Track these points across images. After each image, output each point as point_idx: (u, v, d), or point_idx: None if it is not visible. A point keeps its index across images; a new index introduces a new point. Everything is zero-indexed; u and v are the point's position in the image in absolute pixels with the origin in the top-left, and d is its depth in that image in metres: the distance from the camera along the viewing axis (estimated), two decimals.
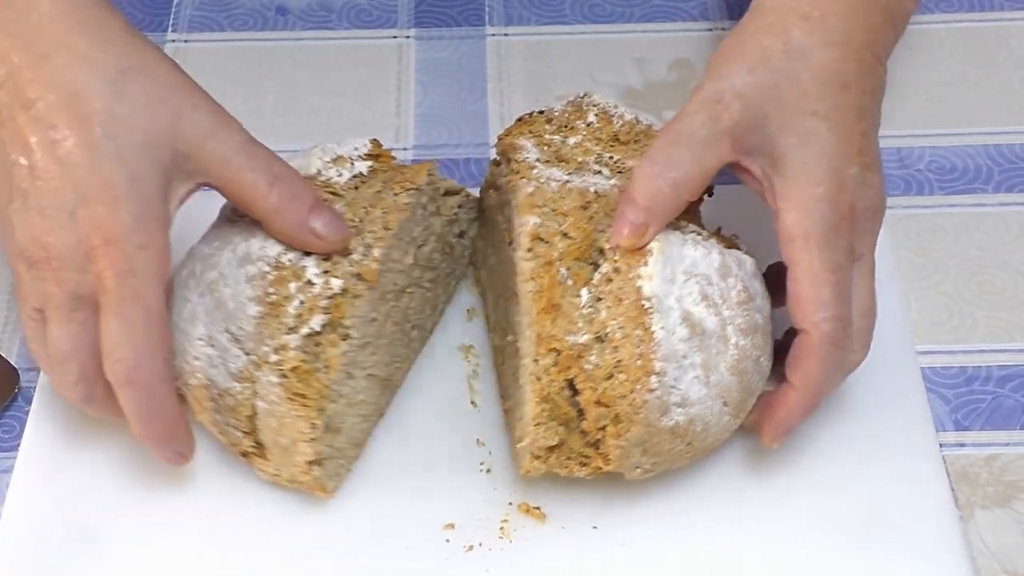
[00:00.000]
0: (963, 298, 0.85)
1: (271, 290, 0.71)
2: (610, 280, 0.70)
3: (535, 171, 0.74)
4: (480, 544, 0.74)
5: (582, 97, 0.79)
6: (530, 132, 0.77)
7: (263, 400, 0.71)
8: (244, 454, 0.74)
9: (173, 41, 1.02)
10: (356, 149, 0.78)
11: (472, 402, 0.80)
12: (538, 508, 0.75)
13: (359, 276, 0.72)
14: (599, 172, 0.75)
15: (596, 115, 0.78)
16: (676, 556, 0.73)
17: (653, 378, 0.69)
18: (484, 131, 0.96)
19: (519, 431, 0.72)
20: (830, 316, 0.70)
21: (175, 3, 1.05)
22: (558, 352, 0.69)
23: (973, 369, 0.82)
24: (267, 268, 0.72)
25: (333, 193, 0.75)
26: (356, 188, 0.76)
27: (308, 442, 0.71)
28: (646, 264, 0.70)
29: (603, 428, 0.69)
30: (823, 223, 0.70)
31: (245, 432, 0.73)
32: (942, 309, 0.85)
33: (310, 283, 0.71)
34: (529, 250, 0.71)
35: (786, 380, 0.72)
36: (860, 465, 0.76)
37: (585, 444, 0.70)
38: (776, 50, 0.71)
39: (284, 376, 0.70)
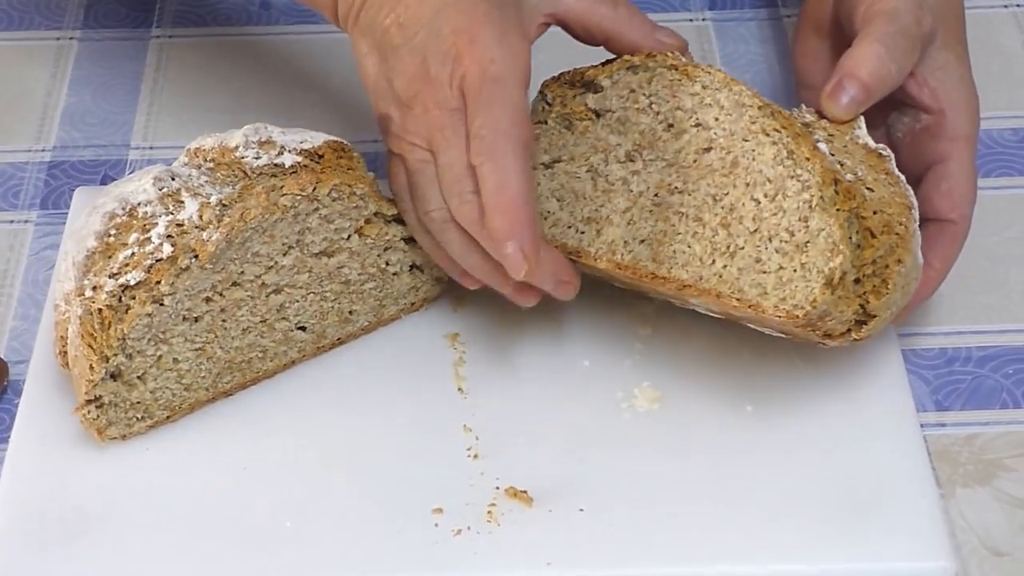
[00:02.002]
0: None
1: (113, 232, 0.76)
2: (831, 140, 0.76)
3: (699, 66, 0.76)
4: (468, 528, 0.74)
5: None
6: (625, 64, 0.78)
7: (72, 326, 0.75)
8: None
9: (158, 37, 1.03)
10: (303, 142, 0.80)
11: (459, 388, 0.80)
12: (525, 492, 0.75)
13: (195, 251, 0.74)
14: None
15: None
16: (661, 536, 0.74)
17: (913, 211, 0.75)
18: None
19: (776, 274, 0.72)
20: (970, 212, 0.80)
21: None
22: (837, 182, 0.71)
23: (953, 350, 0.83)
24: (121, 211, 0.76)
25: (242, 171, 0.78)
26: (270, 175, 0.78)
27: (88, 382, 0.74)
28: (860, 127, 0.77)
29: (875, 262, 0.72)
30: (976, 130, 0.80)
31: (61, 351, 0.77)
32: None
33: (149, 240, 0.75)
34: (760, 108, 0.73)
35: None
36: (842, 445, 0.77)
37: (856, 279, 0.72)
38: None
39: (89, 313, 0.74)
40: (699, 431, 0.78)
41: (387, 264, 0.82)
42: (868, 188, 0.74)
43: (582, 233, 0.77)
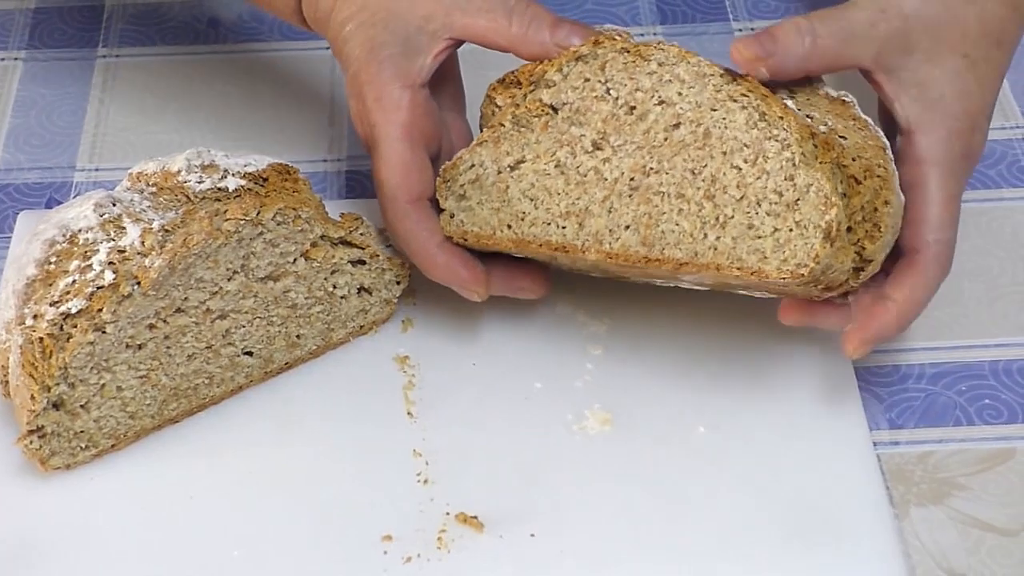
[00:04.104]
0: None
1: (53, 259, 0.75)
2: (794, 96, 0.75)
3: (650, 45, 0.75)
4: (418, 555, 0.74)
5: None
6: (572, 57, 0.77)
7: (12, 356, 0.74)
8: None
9: (104, 57, 1.02)
10: (247, 165, 0.79)
11: (408, 413, 0.80)
12: (475, 517, 0.75)
13: (137, 278, 0.73)
14: None
15: (619, 35, 0.79)
16: (613, 561, 0.73)
17: (888, 152, 0.74)
18: None
19: (774, 234, 0.71)
20: (943, 239, 0.75)
21: (105, 18, 1.05)
22: (814, 135, 0.71)
23: (906, 367, 0.83)
24: (61, 238, 0.75)
25: (184, 196, 0.77)
26: (214, 200, 0.77)
27: (29, 412, 0.73)
28: (821, 81, 0.78)
29: (863, 207, 0.71)
30: (952, 154, 0.76)
31: (3, 381, 0.76)
32: None
33: (90, 267, 0.73)
34: (722, 76, 0.73)
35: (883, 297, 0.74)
36: (794, 465, 0.77)
37: (848, 228, 0.71)
38: None
39: (30, 342, 0.73)
40: (651, 453, 0.77)
41: (334, 287, 0.81)
42: (841, 136, 0.73)
43: (563, 228, 0.76)
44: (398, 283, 0.83)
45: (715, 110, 0.73)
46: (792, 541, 0.74)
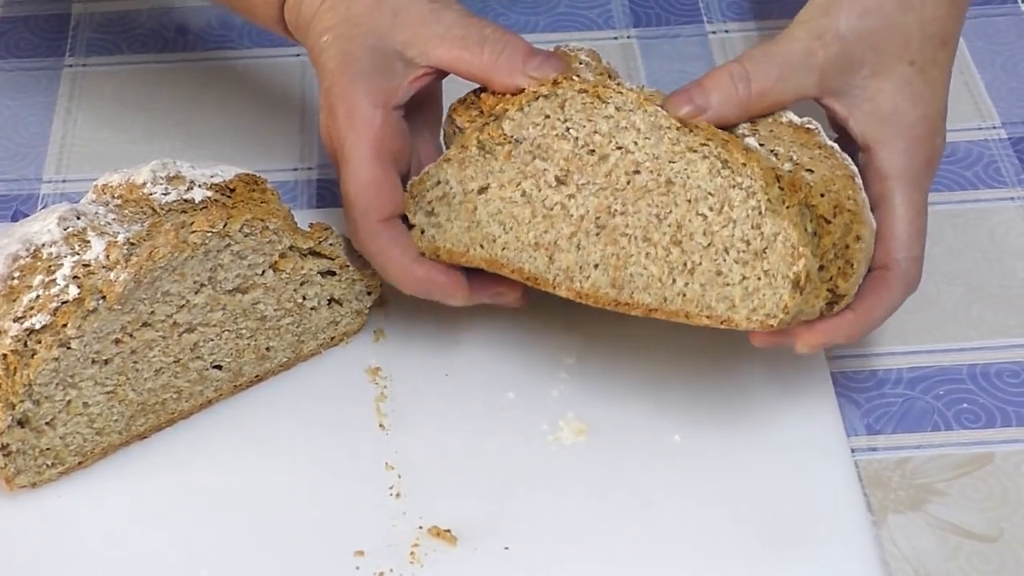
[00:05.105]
0: None
1: (17, 274, 0.74)
2: (756, 130, 0.74)
3: (609, 87, 0.74)
4: (391, 570, 0.73)
5: (559, 47, 0.80)
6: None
7: None
8: None
9: (71, 66, 1.01)
10: (214, 176, 0.78)
11: (380, 425, 0.79)
12: (448, 531, 0.74)
13: (102, 292, 0.72)
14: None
15: (587, 55, 0.79)
16: (588, 573, 0.72)
17: (857, 179, 0.73)
18: None
19: (742, 284, 0.70)
20: (912, 256, 0.74)
21: (72, 27, 1.03)
22: (779, 178, 0.70)
23: (884, 372, 0.82)
24: (25, 253, 0.74)
25: (150, 208, 0.76)
26: (180, 212, 0.76)
27: None
28: (784, 108, 0.76)
29: (835, 244, 0.71)
30: (915, 164, 0.75)
31: None
32: None
33: (54, 282, 0.72)
34: (678, 129, 0.72)
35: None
36: (771, 472, 0.76)
37: (819, 267, 0.70)
38: None
39: None
40: (626, 463, 0.77)
41: (304, 299, 0.80)
42: (808, 170, 0.72)
43: (535, 258, 0.75)
44: (369, 294, 0.82)
45: (674, 162, 0.72)
46: (769, 549, 0.73)
